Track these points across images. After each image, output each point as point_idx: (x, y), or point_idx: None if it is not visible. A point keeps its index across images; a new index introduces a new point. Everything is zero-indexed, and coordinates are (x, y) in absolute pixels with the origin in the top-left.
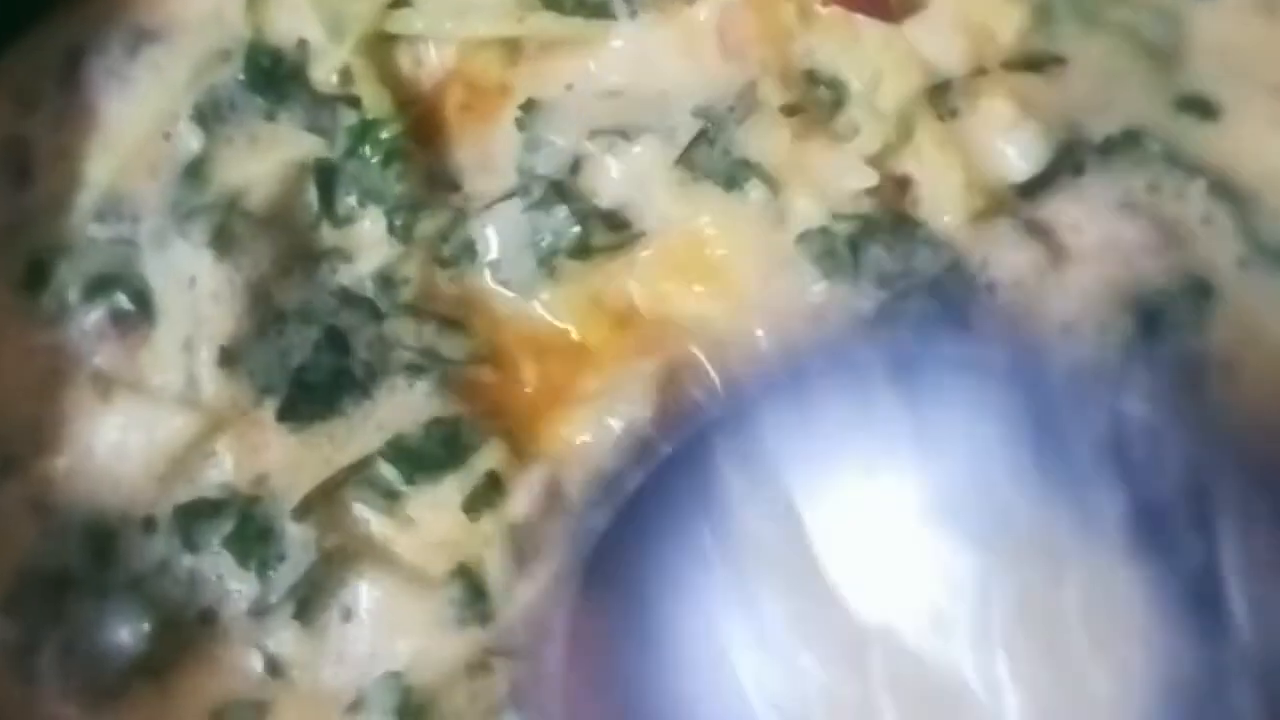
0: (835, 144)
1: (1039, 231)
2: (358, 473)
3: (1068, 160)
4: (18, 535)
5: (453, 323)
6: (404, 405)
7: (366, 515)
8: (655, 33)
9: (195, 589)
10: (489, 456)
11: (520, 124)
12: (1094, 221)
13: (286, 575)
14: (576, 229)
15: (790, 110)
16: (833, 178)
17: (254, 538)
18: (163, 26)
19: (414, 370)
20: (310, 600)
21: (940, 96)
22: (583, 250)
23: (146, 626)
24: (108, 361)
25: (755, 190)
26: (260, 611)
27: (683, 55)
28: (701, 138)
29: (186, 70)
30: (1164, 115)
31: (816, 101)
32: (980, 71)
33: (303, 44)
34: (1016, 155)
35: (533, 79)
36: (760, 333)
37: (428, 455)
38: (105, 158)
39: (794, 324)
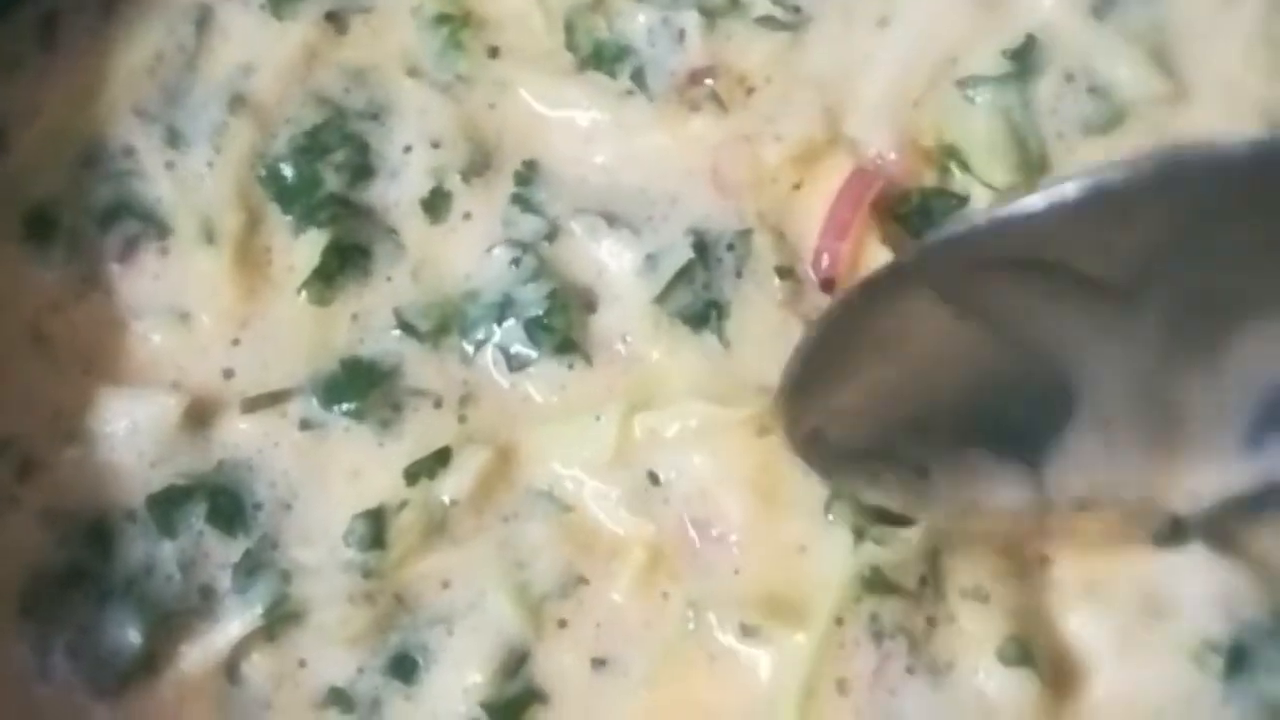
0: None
1: None
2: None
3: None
4: (32, 536)
5: None
6: None
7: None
8: (657, 129)
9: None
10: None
11: (519, 178)
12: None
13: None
14: (544, 306)
15: (784, 273)
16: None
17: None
18: None
19: None
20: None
21: None
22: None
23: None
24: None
25: (711, 339)
26: None
27: (673, 160)
28: (685, 274)
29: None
30: None
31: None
32: None
33: None
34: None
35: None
36: None
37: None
38: (85, 108)
39: None
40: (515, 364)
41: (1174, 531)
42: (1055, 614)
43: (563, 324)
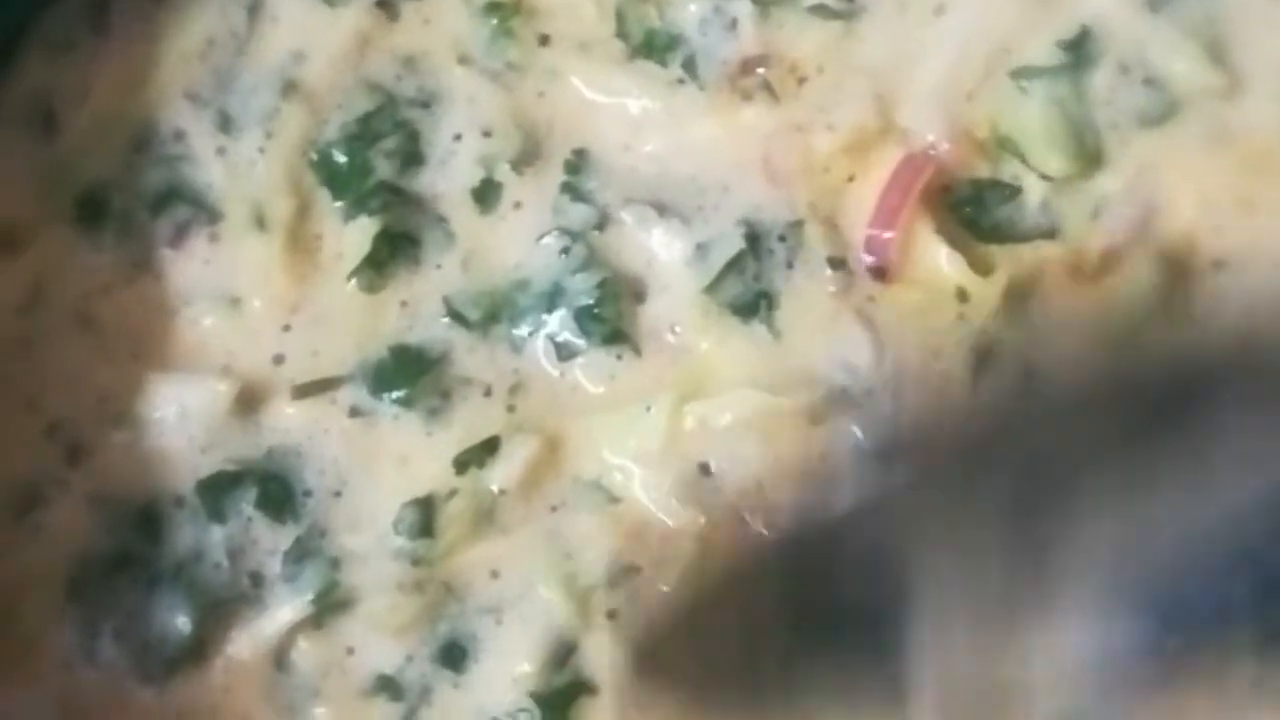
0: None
1: None
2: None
3: None
4: (81, 521)
5: None
6: None
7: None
8: (708, 119)
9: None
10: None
11: (569, 167)
12: None
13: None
14: (594, 295)
15: (836, 263)
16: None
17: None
18: None
19: None
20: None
21: None
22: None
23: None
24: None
25: (761, 329)
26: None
27: (724, 149)
28: (735, 264)
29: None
30: None
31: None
32: None
33: None
34: None
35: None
36: None
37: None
38: (136, 92)
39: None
40: (564, 353)
41: None
42: None
43: (613, 314)
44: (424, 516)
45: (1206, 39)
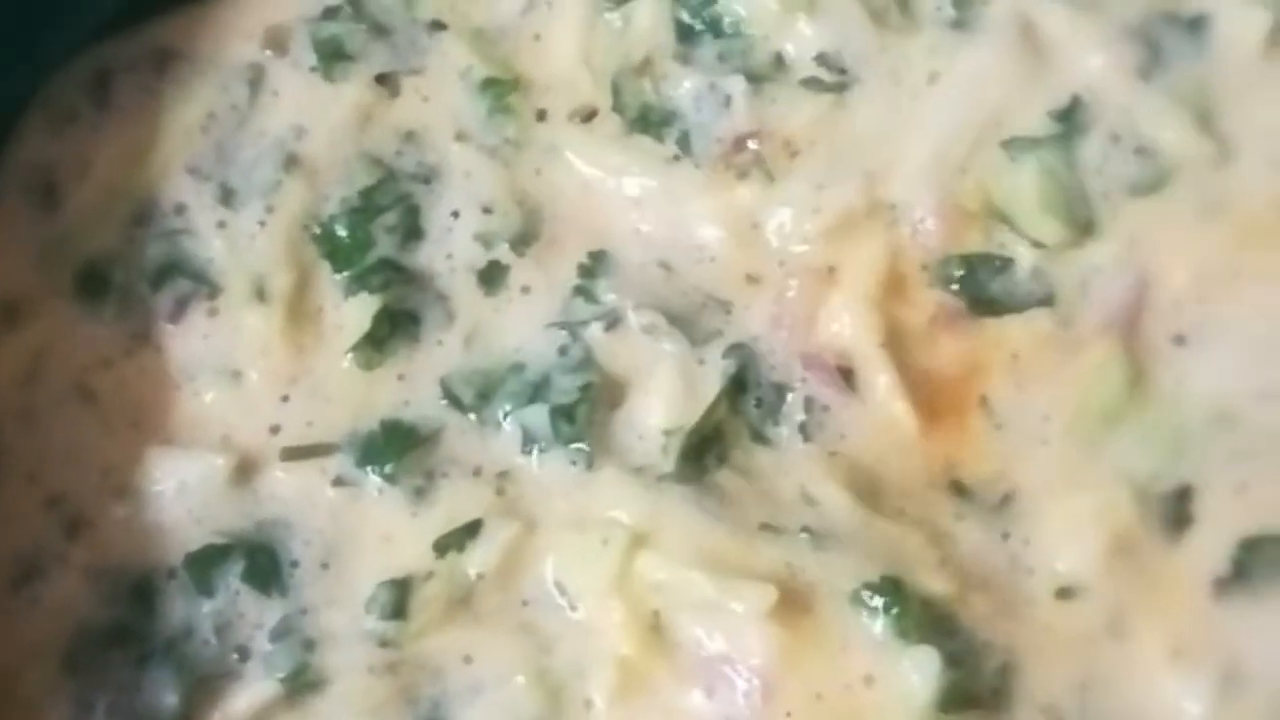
0: None
1: None
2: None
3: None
4: (78, 594)
5: None
6: None
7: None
8: (704, 197)
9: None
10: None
11: (583, 270)
12: None
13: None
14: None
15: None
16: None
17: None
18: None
19: None
20: None
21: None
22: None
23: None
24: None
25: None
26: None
27: (717, 228)
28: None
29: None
30: None
31: None
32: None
33: None
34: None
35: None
36: None
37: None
38: (138, 165)
39: None
40: (539, 446)
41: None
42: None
43: (585, 416)
44: (399, 597)
45: (1197, 108)
